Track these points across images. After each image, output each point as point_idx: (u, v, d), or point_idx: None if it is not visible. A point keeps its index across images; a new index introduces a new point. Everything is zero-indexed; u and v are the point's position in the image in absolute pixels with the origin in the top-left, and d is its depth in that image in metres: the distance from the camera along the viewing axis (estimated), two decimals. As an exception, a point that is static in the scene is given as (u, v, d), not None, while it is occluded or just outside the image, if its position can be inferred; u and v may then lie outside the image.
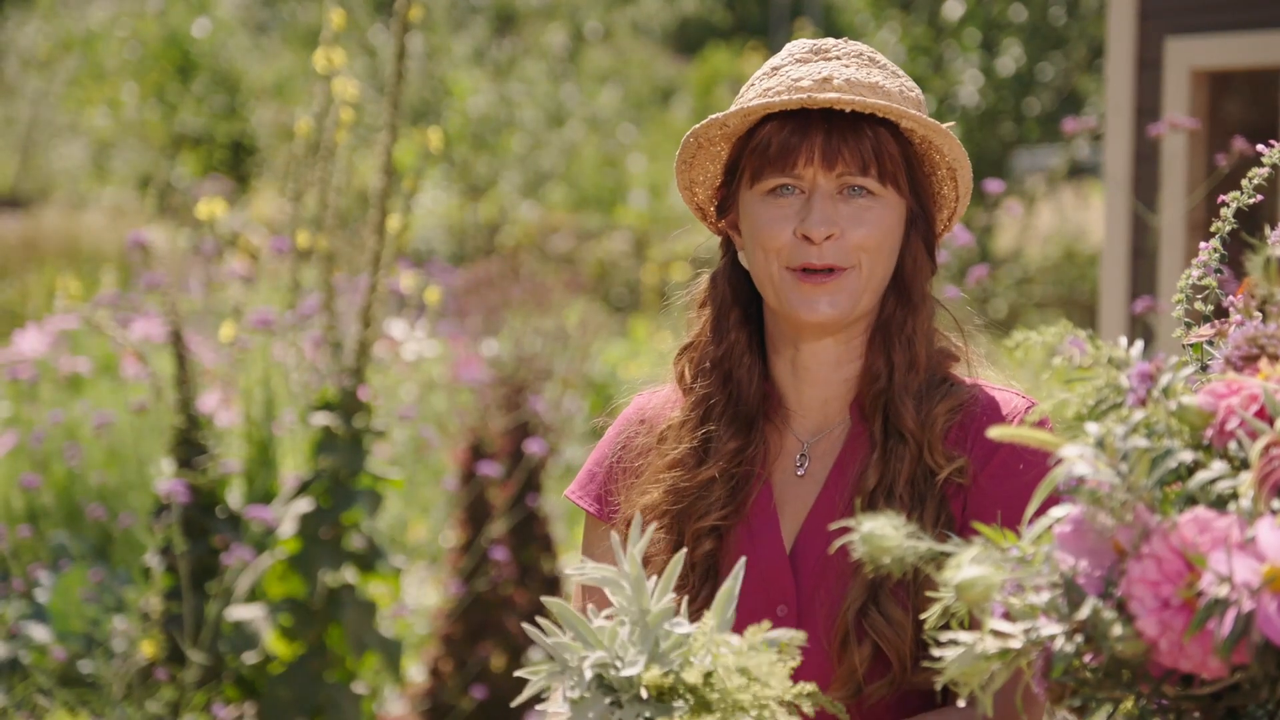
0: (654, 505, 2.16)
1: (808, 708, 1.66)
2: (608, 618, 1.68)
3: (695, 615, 1.76)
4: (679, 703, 1.60)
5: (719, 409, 2.17)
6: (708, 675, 1.60)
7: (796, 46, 2.18)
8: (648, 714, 1.61)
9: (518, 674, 1.73)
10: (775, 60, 2.17)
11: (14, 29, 22.83)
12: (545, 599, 1.68)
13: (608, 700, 1.63)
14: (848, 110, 2.08)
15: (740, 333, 2.19)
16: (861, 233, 2.08)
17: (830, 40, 2.19)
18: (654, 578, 1.68)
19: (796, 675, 1.66)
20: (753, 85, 2.15)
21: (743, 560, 1.73)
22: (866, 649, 2.04)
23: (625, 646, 1.63)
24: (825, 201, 2.08)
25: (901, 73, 2.16)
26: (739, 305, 2.20)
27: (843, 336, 2.14)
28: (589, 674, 1.63)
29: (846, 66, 2.12)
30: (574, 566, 1.71)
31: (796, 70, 2.12)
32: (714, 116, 2.12)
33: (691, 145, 2.16)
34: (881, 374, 2.13)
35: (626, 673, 1.61)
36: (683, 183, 2.22)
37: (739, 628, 1.64)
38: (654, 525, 2.14)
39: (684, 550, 1.78)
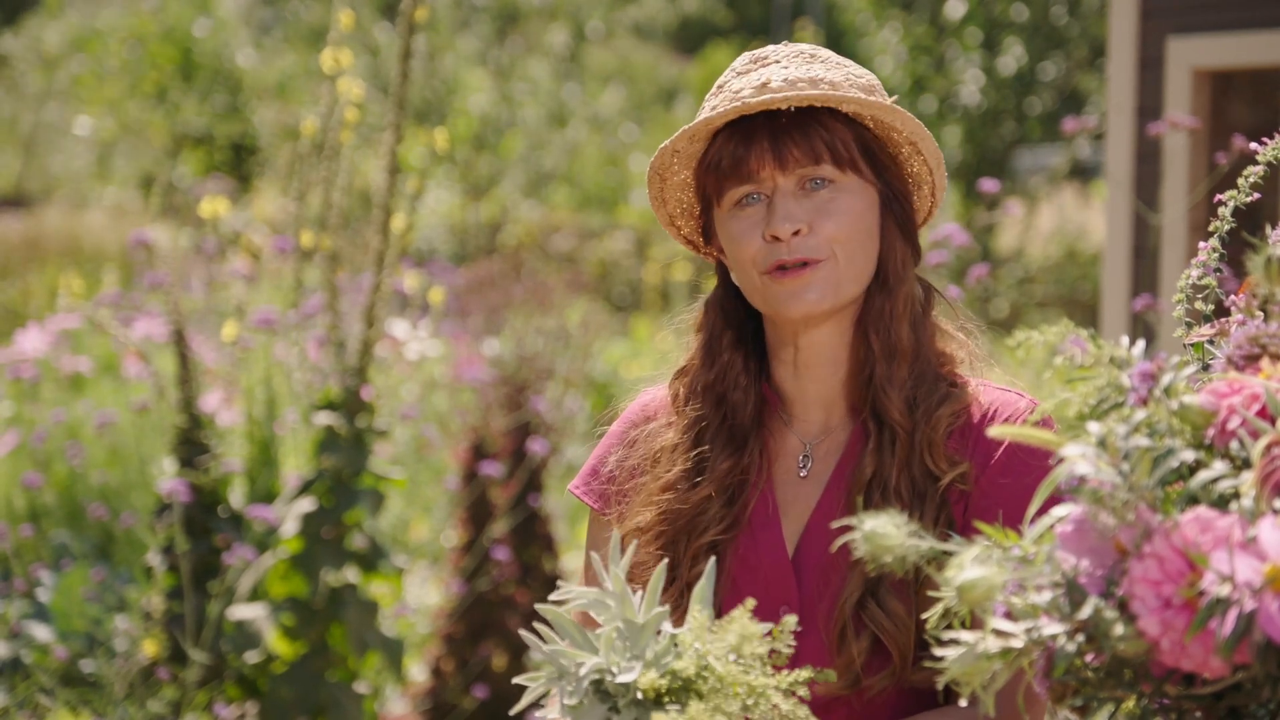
0: (649, 526, 2.17)
1: (804, 693, 1.66)
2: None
3: None
4: (674, 704, 1.61)
5: (712, 431, 2.18)
6: (701, 667, 1.61)
7: (739, 60, 2.19)
8: (645, 717, 1.62)
9: (516, 680, 1.74)
10: (720, 79, 2.19)
11: (24, 31, 22.84)
12: (540, 606, 1.69)
13: (605, 706, 1.64)
14: (786, 108, 2.08)
15: (735, 354, 2.19)
16: (831, 225, 2.08)
17: (771, 47, 2.19)
18: (640, 593, 1.69)
19: (795, 669, 1.67)
20: (702, 109, 2.16)
21: (711, 561, 1.74)
22: (865, 641, 2.04)
23: (620, 652, 1.64)
24: (787, 200, 2.08)
25: (848, 62, 2.16)
26: (732, 328, 2.20)
27: (838, 328, 2.14)
28: (586, 681, 1.64)
29: (785, 68, 2.12)
30: (561, 590, 1.71)
31: (737, 82, 2.13)
32: (663, 145, 2.14)
33: (656, 178, 2.19)
34: (865, 362, 2.13)
35: (622, 679, 1.62)
36: (663, 220, 2.24)
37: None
38: (645, 545, 2.15)
39: (665, 562, 1.77)
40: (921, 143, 2.15)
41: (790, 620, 1.67)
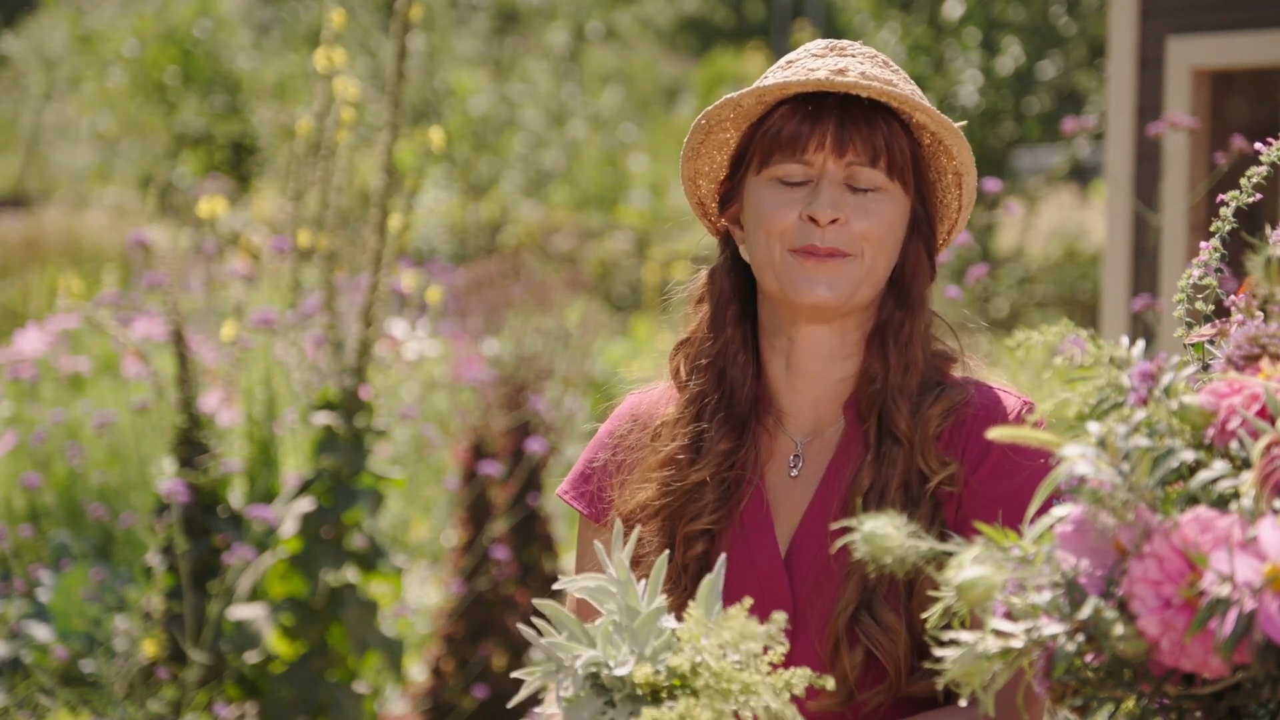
0: (646, 504, 2.16)
1: (800, 692, 1.66)
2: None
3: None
4: (670, 699, 1.61)
5: (712, 407, 2.17)
6: (695, 664, 1.61)
7: (813, 45, 2.19)
8: (639, 711, 1.62)
9: (514, 674, 1.74)
10: (790, 55, 2.18)
11: (24, 30, 22.85)
12: (537, 601, 1.68)
13: (601, 699, 1.64)
14: (864, 99, 2.09)
15: (736, 329, 2.18)
16: (866, 223, 2.08)
17: (846, 41, 2.19)
18: (643, 580, 1.69)
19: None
20: (767, 76, 2.15)
21: (723, 557, 1.74)
22: (858, 655, 2.03)
23: (617, 646, 1.64)
24: (833, 187, 2.08)
25: (911, 81, 2.18)
26: (736, 301, 2.19)
27: (838, 329, 2.13)
28: (582, 674, 1.63)
29: (862, 64, 2.12)
30: (563, 579, 1.71)
31: (813, 63, 2.13)
32: (728, 96, 2.12)
33: (701, 130, 2.16)
34: (878, 376, 2.12)
35: (618, 672, 1.62)
36: (687, 174, 2.21)
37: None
38: (644, 527, 2.14)
39: (666, 553, 1.76)
40: (966, 176, 2.16)
41: (780, 617, 1.66)
